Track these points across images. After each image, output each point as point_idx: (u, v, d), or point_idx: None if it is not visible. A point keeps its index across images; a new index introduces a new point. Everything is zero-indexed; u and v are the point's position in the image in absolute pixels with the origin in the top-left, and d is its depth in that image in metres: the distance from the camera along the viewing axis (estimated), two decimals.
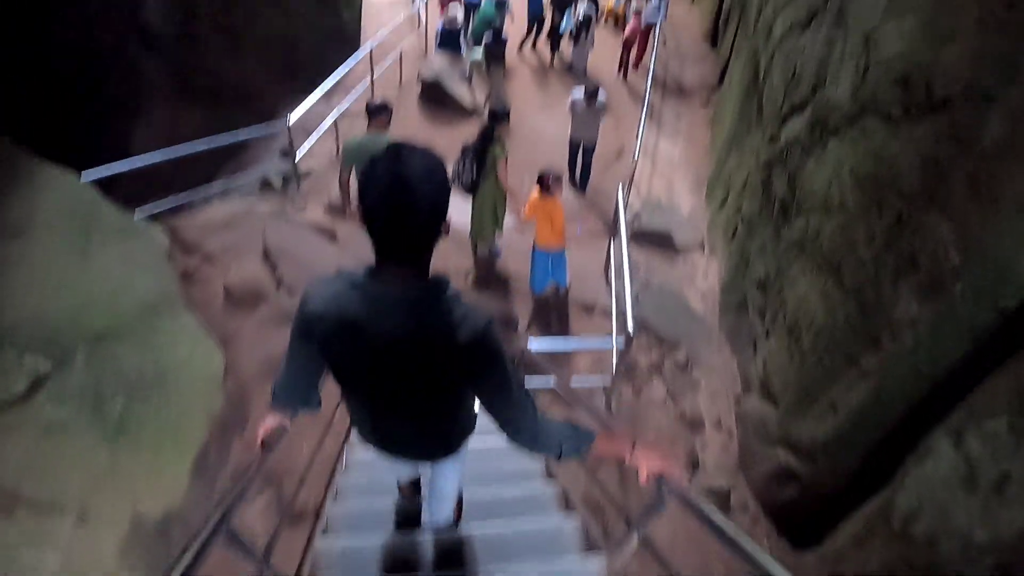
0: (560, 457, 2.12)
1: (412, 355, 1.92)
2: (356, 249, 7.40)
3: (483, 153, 6.78)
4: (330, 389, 2.34)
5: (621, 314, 6.48)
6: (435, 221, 1.78)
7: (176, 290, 5.59)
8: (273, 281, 6.69)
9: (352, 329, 1.92)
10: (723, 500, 5.46)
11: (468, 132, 6.87)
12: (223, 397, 5.23)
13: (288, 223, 7.64)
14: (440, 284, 1.89)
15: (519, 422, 2.04)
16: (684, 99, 13.02)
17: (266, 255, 6.93)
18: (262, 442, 2.55)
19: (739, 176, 8.40)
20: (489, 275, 7.64)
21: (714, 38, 14.10)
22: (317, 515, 4.16)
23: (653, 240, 8.93)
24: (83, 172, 6.18)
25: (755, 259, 6.93)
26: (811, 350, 5.07)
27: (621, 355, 5.54)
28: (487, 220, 7.18)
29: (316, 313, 1.99)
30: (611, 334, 6.44)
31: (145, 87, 10.10)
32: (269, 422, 2.54)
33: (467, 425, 2.56)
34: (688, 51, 14.45)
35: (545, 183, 6.69)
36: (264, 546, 2.77)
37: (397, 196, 1.69)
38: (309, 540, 3.71)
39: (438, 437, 2.51)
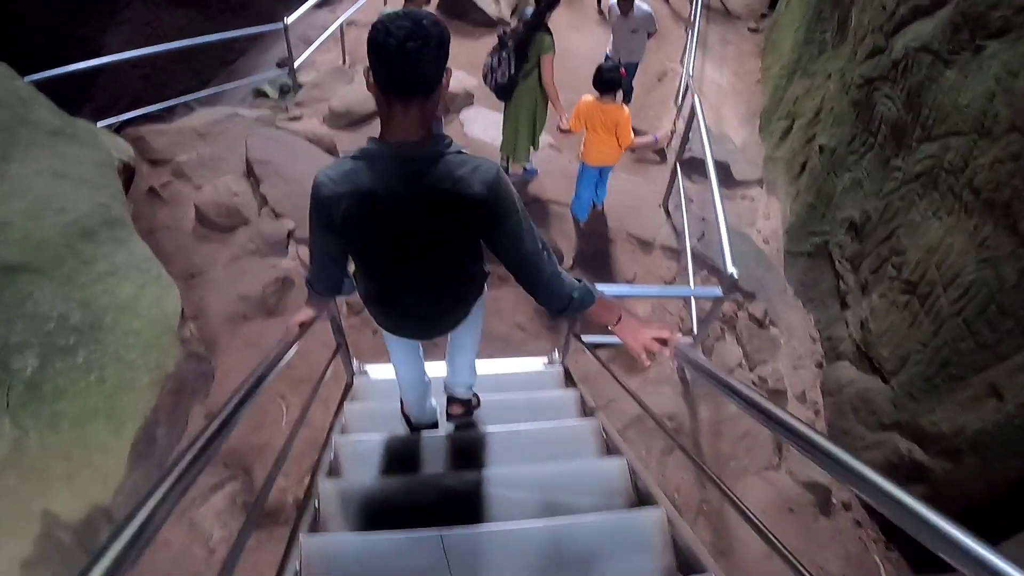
0: (567, 310, 2.17)
1: (428, 214, 2.00)
2: None
3: (525, 45, 5.45)
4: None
5: (697, 255, 5.59)
6: (441, 54, 1.84)
7: (123, 211, 4.40)
8: (255, 200, 5.68)
9: (368, 200, 1.98)
10: (822, 497, 4.30)
11: (492, 45, 5.50)
12: (179, 350, 4.13)
13: (278, 132, 6.40)
14: (443, 140, 1.96)
15: (536, 270, 2.10)
16: (730, 25, 12.11)
17: (249, 169, 5.87)
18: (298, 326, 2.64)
19: (808, 104, 7.40)
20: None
21: None
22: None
23: (705, 170, 7.51)
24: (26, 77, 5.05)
25: (843, 197, 5.84)
26: (953, 314, 3.83)
27: (714, 307, 4.33)
28: (523, 131, 5.95)
29: (331, 196, 2.00)
30: (684, 278, 5.48)
31: None
32: (305, 314, 2.66)
33: (481, 283, 2.66)
34: None
35: (607, 80, 5.32)
36: None
37: (407, 25, 1.75)
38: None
39: (455, 301, 2.58)
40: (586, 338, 4.12)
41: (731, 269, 4.02)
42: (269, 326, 4.82)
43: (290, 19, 7.21)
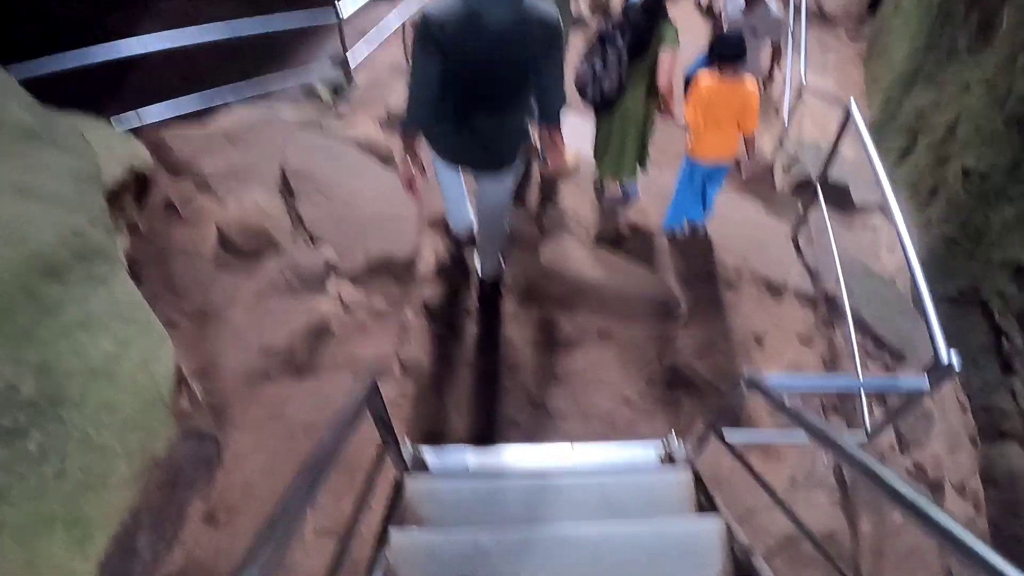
0: (556, 114, 3.18)
1: (515, 35, 2.80)
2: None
3: (645, 39, 4.33)
4: None
5: (838, 307, 4.54)
6: None
7: (107, 239, 3.35)
8: (289, 220, 4.65)
9: (473, 19, 2.74)
10: None
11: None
12: (173, 428, 3.10)
13: (324, 139, 5.37)
14: None
15: (558, 89, 3.09)
16: (828, 29, 11.05)
17: (284, 182, 4.84)
18: (411, 182, 3.40)
19: (938, 119, 6.40)
20: (619, 230, 5.20)
21: None
22: None
23: (824, 195, 6.37)
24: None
25: (1005, 236, 4.86)
26: None
27: (908, 403, 3.11)
28: (631, 146, 4.83)
29: (439, 22, 2.74)
30: (825, 336, 4.44)
31: None
32: (410, 165, 3.35)
33: (526, 134, 3.46)
34: None
35: (732, 51, 4.14)
36: None
37: None
38: None
39: (509, 132, 3.33)
40: (731, 434, 2.95)
41: (945, 353, 2.79)
42: (297, 391, 3.80)
43: (346, 12, 6.31)
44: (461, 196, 4.07)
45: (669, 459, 3.56)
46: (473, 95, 3.06)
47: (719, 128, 4.36)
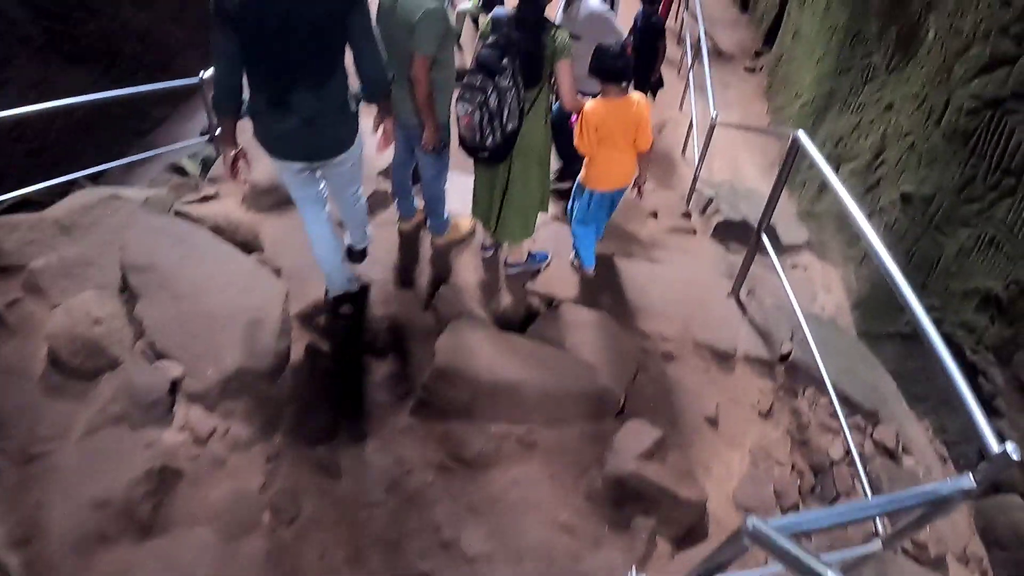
0: (383, 86, 3.27)
1: (306, 7, 2.78)
2: (282, 259, 4.49)
3: (535, 60, 3.63)
4: None
5: (799, 368, 4.21)
6: None
7: None
8: (129, 330, 3.81)
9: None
10: None
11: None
12: None
13: (173, 222, 4.53)
14: None
15: (375, 53, 3.11)
16: (726, 66, 11.26)
17: (124, 281, 3.99)
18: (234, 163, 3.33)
19: (860, 145, 6.44)
20: (530, 306, 4.46)
21: (744, 2, 13.41)
22: None
23: (745, 237, 5.89)
24: None
25: (965, 263, 4.61)
26: None
27: (943, 505, 2.28)
28: (534, 190, 4.14)
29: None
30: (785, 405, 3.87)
31: (6, 37, 7.39)
32: (230, 151, 3.30)
33: (352, 114, 3.31)
34: (716, 15, 12.59)
35: (613, 67, 3.82)
36: None
37: None
38: None
39: (332, 113, 3.19)
40: None
41: (993, 442, 2.04)
42: (141, 557, 2.98)
43: (207, 73, 5.32)
44: (321, 216, 3.75)
45: None
46: (280, 69, 2.96)
47: (617, 151, 4.02)
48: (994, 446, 1.93)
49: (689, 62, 8.90)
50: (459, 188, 4.50)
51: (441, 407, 3.55)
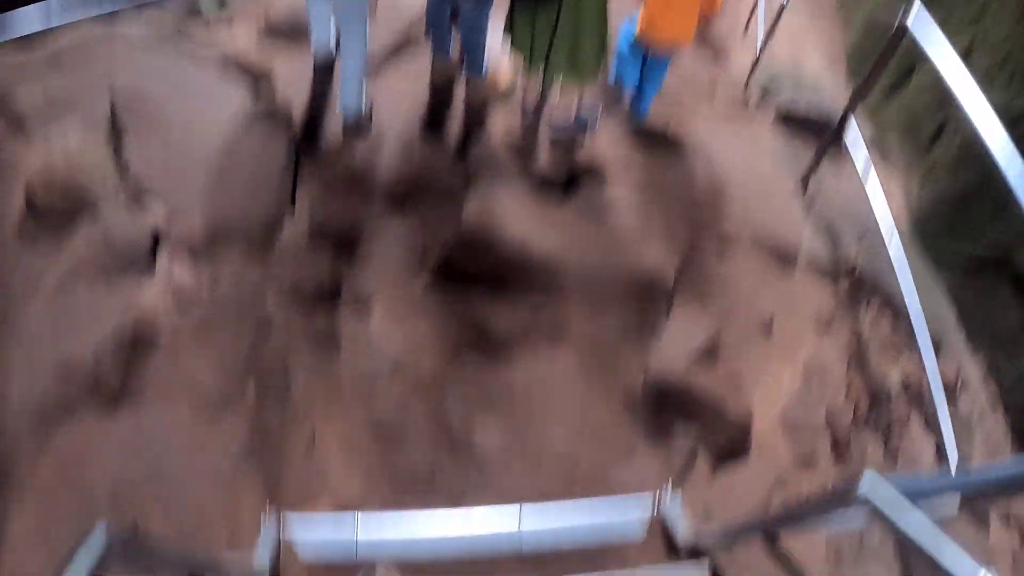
0: None
1: None
2: (295, 99, 3.89)
3: None
4: None
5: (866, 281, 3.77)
6: None
7: None
8: (114, 172, 3.35)
9: None
10: None
11: None
12: None
13: (171, 58, 4.01)
14: None
15: None
16: None
17: (113, 116, 3.52)
18: None
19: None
20: (573, 172, 3.86)
21: None
22: None
23: (807, 130, 5.48)
24: None
25: None
26: None
27: None
28: (589, 33, 3.47)
29: None
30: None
31: None
32: None
33: None
34: None
35: None
36: None
37: None
38: None
39: None
40: None
41: None
42: (106, 433, 2.64)
43: None
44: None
45: (665, 536, 2.35)
46: None
47: (680, 4, 3.54)
48: None
49: None
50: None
51: (464, 277, 3.11)
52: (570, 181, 3.79)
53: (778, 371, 3.41)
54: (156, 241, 3.05)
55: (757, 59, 6.04)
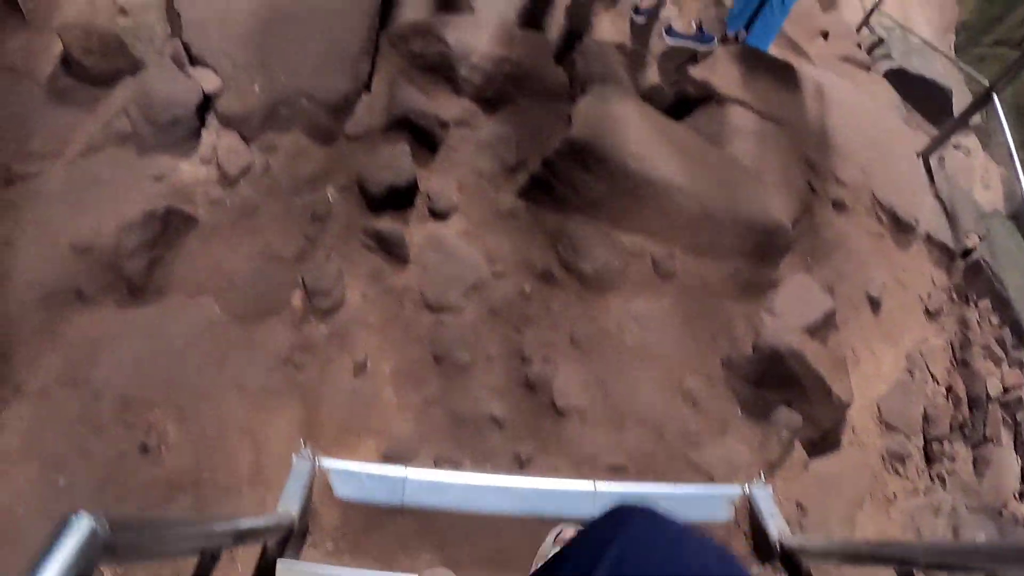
0: None
1: None
2: None
3: None
4: None
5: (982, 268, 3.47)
6: None
7: None
8: (162, 25, 2.88)
9: None
10: None
11: None
12: None
13: None
14: None
15: None
16: None
17: None
18: None
19: None
20: (686, 89, 3.38)
21: None
22: None
23: (917, 93, 5.39)
24: None
25: None
26: None
27: None
28: None
29: None
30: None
31: None
32: None
33: None
34: None
35: None
36: None
37: None
38: None
39: None
40: None
41: None
42: (121, 327, 2.31)
43: None
44: None
45: (754, 533, 1.95)
46: None
47: None
48: None
49: None
50: None
51: (562, 194, 2.62)
52: (683, 100, 3.30)
53: (881, 354, 3.08)
54: (203, 112, 2.62)
55: (871, 10, 5.77)
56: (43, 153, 2.63)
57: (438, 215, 2.57)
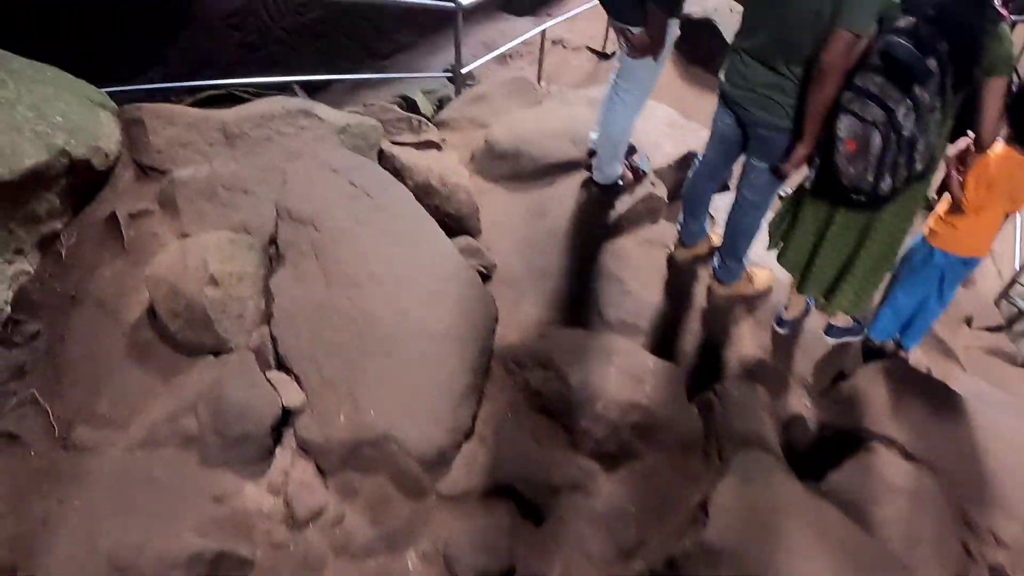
0: None
1: None
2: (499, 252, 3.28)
3: (966, 61, 2.22)
4: None
5: None
6: None
7: None
8: (255, 305, 2.70)
9: None
10: None
11: None
12: None
13: (366, 164, 3.23)
14: None
15: None
16: None
17: (275, 230, 2.84)
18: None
19: None
20: (823, 432, 2.94)
21: None
22: None
23: None
24: None
25: None
26: None
27: None
28: (890, 255, 2.84)
29: None
30: None
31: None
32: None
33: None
34: None
35: None
36: None
37: None
38: None
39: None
40: None
41: None
42: None
43: None
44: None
45: None
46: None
47: (993, 214, 3.01)
48: None
49: None
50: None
51: None
52: (826, 438, 2.84)
53: None
54: (281, 425, 2.29)
55: (1011, 282, 5.16)
56: (109, 419, 2.40)
57: None
